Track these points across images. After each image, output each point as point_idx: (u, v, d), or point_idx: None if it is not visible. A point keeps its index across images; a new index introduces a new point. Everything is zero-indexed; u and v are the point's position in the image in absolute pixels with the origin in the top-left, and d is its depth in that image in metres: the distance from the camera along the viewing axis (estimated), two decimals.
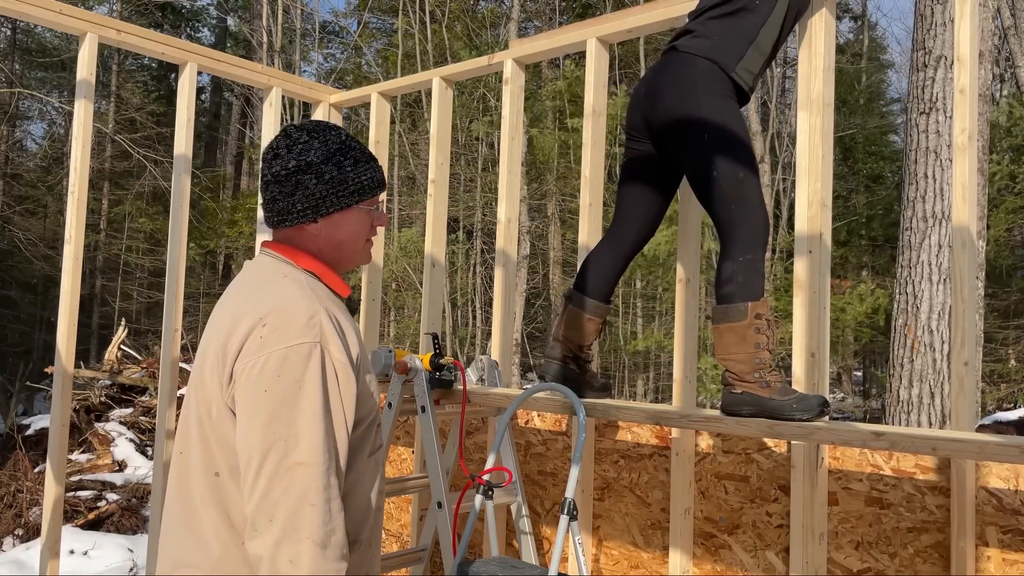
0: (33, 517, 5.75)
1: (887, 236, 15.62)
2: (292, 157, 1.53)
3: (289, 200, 1.53)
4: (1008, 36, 12.97)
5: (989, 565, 2.17)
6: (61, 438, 3.09)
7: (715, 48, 2.12)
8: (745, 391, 2.04)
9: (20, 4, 2.98)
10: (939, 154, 5.57)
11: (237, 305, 1.47)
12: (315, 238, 1.55)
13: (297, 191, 1.52)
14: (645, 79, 2.27)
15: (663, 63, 2.22)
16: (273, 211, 1.55)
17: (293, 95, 4.03)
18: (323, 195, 1.52)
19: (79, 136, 3.17)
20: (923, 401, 5.52)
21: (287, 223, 1.55)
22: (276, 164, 1.54)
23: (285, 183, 1.52)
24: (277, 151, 1.54)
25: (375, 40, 18.30)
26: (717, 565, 2.64)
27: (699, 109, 2.10)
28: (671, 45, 2.21)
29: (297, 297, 1.44)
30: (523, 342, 14.45)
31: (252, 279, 1.54)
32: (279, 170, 1.53)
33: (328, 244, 1.56)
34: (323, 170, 1.52)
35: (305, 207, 1.52)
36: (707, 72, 2.11)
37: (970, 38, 2.15)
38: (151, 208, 17.93)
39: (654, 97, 2.18)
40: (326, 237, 1.56)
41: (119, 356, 8.33)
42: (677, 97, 2.12)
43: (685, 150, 2.14)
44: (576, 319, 2.43)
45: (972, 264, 2.11)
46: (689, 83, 2.11)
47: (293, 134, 1.55)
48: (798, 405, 1.97)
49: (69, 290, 3.13)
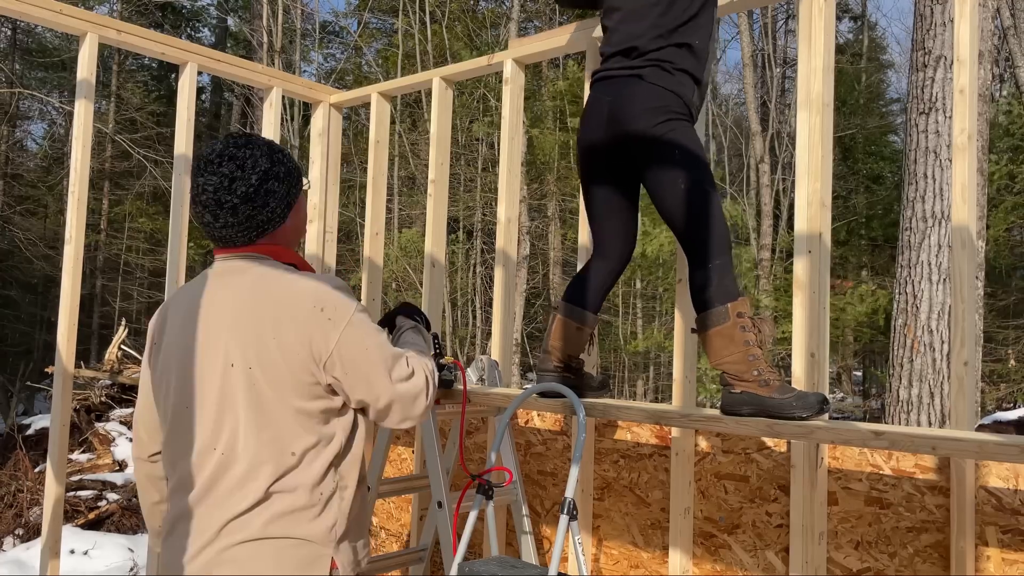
0: (33, 517, 5.76)
1: (887, 236, 15.63)
2: (251, 173, 1.61)
3: (265, 210, 1.63)
4: (1008, 36, 12.97)
5: (989, 565, 2.17)
6: (61, 438, 3.10)
7: (678, 83, 2.29)
8: (744, 391, 2.05)
9: (20, 4, 2.98)
10: (939, 154, 5.57)
11: (267, 309, 1.58)
12: (285, 232, 1.70)
13: (270, 199, 1.63)
14: (608, 102, 2.35)
15: (632, 90, 2.32)
16: (251, 227, 1.63)
17: (293, 95, 4.04)
18: (287, 191, 1.66)
19: (79, 136, 3.18)
20: (923, 401, 5.52)
21: (267, 230, 1.66)
22: (238, 186, 1.60)
23: (255, 198, 1.61)
24: (231, 176, 1.60)
25: (375, 40, 18.30)
26: (717, 565, 2.65)
27: (672, 131, 2.24)
28: (634, 72, 2.31)
29: (320, 281, 1.65)
30: (523, 342, 14.45)
31: (253, 281, 1.62)
32: (245, 190, 1.60)
33: (293, 232, 1.74)
34: (277, 171, 1.64)
35: (281, 208, 1.66)
36: (674, 100, 2.28)
37: (970, 38, 2.15)
38: (151, 208, 17.93)
39: (624, 119, 2.30)
40: (292, 227, 1.72)
41: (119, 356, 8.34)
42: (650, 119, 2.26)
43: (655, 166, 2.27)
44: (571, 330, 2.47)
45: (972, 264, 2.11)
46: (661, 109, 2.26)
47: (234, 155, 1.62)
48: (797, 403, 1.99)
49: (69, 290, 3.14)
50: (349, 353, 1.59)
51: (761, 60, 18.48)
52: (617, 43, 2.39)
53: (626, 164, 2.38)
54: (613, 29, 2.42)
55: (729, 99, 22.04)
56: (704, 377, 9.72)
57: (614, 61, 2.39)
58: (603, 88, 2.38)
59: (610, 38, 2.43)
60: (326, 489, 1.58)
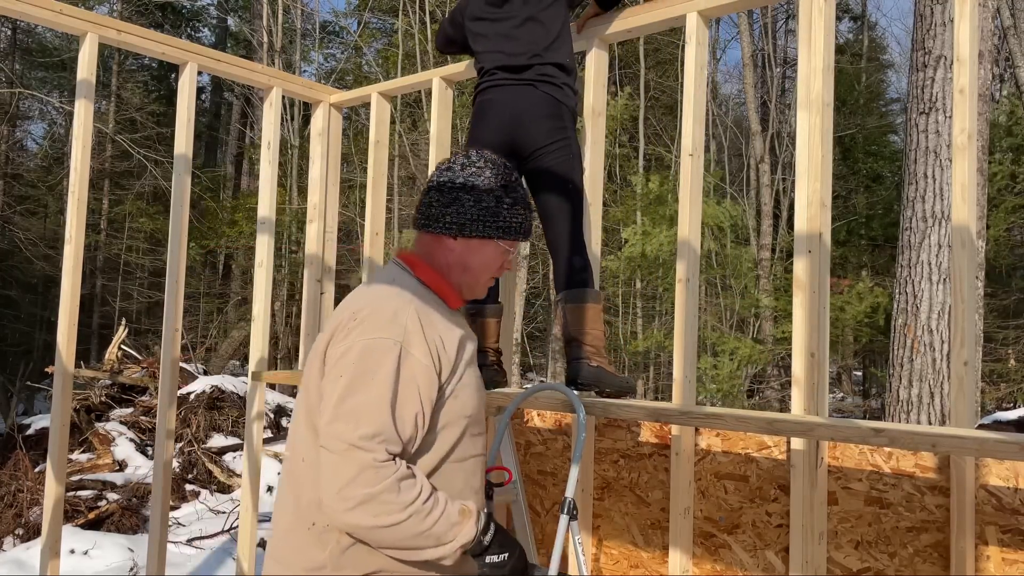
0: (33, 517, 5.75)
1: (887, 236, 15.62)
2: (462, 175, 1.64)
3: (442, 210, 1.64)
4: (1008, 36, 12.97)
5: (989, 565, 2.17)
6: (61, 438, 3.10)
7: (568, 97, 2.70)
8: (600, 366, 2.42)
9: (20, 4, 2.98)
10: (939, 154, 5.57)
11: (341, 305, 1.60)
12: (449, 253, 1.66)
13: (452, 205, 1.63)
14: (508, 110, 2.71)
15: (532, 98, 2.68)
16: (424, 214, 1.67)
17: (293, 95, 4.04)
18: (473, 218, 1.63)
19: (79, 136, 3.18)
20: (923, 401, 5.52)
21: (430, 229, 1.65)
22: (445, 175, 1.66)
23: (446, 194, 1.64)
24: (451, 165, 1.67)
25: (375, 40, 18.27)
26: (717, 565, 2.65)
27: (567, 137, 2.65)
28: (530, 81, 2.67)
29: (391, 296, 1.55)
30: (523, 342, 14.44)
31: (365, 283, 1.68)
32: (445, 181, 1.65)
33: (458, 264, 1.66)
34: (483, 197, 1.63)
35: (452, 221, 1.63)
36: (569, 113, 2.70)
37: (970, 38, 2.15)
38: (151, 208, 17.91)
39: (526, 123, 2.66)
40: (459, 256, 1.66)
41: (119, 356, 8.34)
42: (552, 123, 2.64)
43: (556, 164, 2.64)
44: (484, 326, 2.78)
45: (972, 264, 2.11)
46: (560, 115, 2.67)
47: (472, 156, 1.67)
48: (626, 384, 2.42)
49: (69, 290, 3.14)
50: (331, 366, 1.52)
51: (761, 60, 18.47)
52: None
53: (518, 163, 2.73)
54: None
55: (729, 99, 22.04)
56: (704, 377, 9.71)
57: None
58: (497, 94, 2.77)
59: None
60: None
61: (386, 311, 1.51)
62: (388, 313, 1.50)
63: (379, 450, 1.40)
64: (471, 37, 2.87)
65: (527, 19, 2.72)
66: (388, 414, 1.42)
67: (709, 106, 13.41)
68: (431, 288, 1.64)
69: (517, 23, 2.73)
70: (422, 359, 1.48)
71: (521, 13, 2.73)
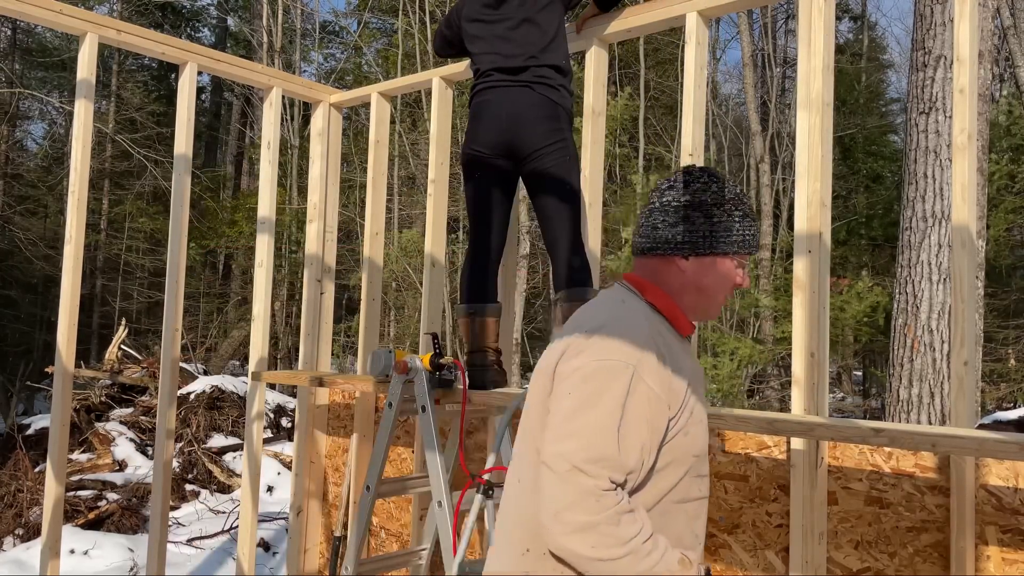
0: (33, 517, 5.75)
1: (887, 236, 15.61)
2: (687, 192, 1.55)
3: (672, 230, 1.53)
4: (1008, 36, 12.98)
5: (989, 565, 2.17)
6: (61, 438, 3.10)
7: (564, 99, 2.76)
8: None
9: (20, 4, 2.98)
10: (939, 154, 5.57)
11: (570, 324, 1.53)
12: (680, 274, 1.55)
13: (681, 224, 1.53)
14: (505, 111, 2.75)
15: (529, 99, 2.73)
16: (649, 237, 1.56)
17: (293, 95, 4.04)
18: (705, 235, 1.53)
19: (79, 136, 3.18)
20: (923, 401, 5.52)
21: (659, 252, 1.55)
22: (668, 195, 1.57)
23: (672, 214, 1.54)
24: (673, 183, 1.57)
25: (375, 40, 18.28)
26: (717, 565, 2.65)
27: (565, 139, 2.70)
28: (526, 83, 2.73)
29: (625, 318, 1.48)
30: (523, 342, 14.45)
31: (593, 303, 1.60)
32: (670, 200, 1.56)
33: (691, 285, 1.55)
34: (713, 212, 1.53)
35: (684, 241, 1.53)
36: (566, 114, 2.75)
37: (970, 38, 2.15)
38: (151, 208, 17.92)
39: (524, 124, 2.71)
40: (692, 277, 1.55)
41: (119, 356, 8.34)
42: (550, 125, 2.69)
43: (555, 165, 2.68)
44: (483, 326, 2.82)
45: (972, 264, 2.11)
46: (557, 117, 2.72)
47: (694, 172, 1.58)
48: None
49: (69, 290, 3.14)
50: (559, 382, 1.45)
51: (761, 60, 18.48)
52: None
53: (513, 163, 2.78)
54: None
55: (729, 99, 22.04)
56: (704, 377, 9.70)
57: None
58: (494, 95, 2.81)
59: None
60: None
61: (621, 332, 1.43)
62: (624, 334, 1.43)
63: (602, 476, 1.32)
64: (467, 39, 2.88)
65: (523, 21, 2.73)
66: (614, 439, 1.34)
67: (709, 106, 13.40)
68: (662, 313, 1.55)
69: (513, 25, 2.74)
70: (654, 387, 1.40)
71: (517, 15, 2.75)
